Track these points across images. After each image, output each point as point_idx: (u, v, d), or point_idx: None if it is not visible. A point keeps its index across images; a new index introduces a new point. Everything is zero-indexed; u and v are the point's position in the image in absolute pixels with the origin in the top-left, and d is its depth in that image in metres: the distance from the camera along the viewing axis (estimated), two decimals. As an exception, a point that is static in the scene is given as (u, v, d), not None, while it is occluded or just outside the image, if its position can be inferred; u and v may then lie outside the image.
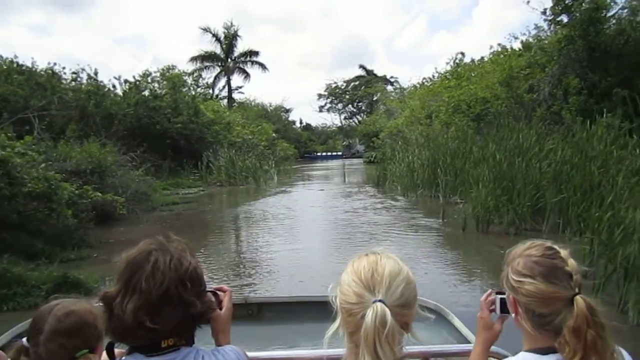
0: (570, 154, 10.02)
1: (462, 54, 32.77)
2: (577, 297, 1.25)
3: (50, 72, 23.82)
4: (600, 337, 1.22)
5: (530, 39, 20.57)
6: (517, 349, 1.38)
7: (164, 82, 29.79)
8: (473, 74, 23.79)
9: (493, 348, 1.67)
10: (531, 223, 10.18)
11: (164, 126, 26.83)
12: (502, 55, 21.68)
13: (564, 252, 1.34)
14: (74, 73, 26.23)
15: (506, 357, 1.58)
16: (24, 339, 1.50)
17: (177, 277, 1.30)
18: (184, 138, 27.83)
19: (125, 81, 28.83)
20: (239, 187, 26.79)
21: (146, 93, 28.33)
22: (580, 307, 1.23)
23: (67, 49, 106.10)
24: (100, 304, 1.34)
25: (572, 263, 1.31)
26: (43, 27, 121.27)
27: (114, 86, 27.90)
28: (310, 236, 12.07)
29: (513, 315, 1.39)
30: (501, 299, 1.51)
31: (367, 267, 1.22)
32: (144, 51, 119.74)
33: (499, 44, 22.92)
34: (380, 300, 1.15)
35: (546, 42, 18.91)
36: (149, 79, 29.57)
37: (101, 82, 27.01)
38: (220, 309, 1.53)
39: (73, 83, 26.32)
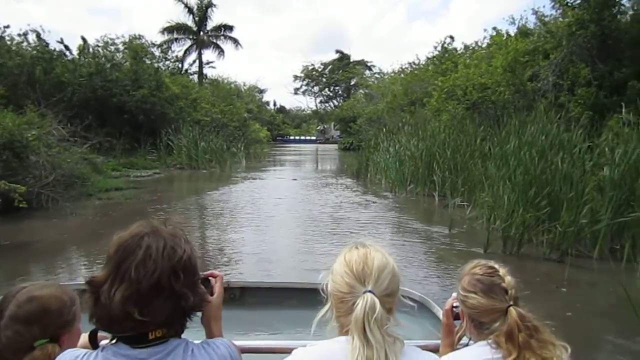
0: (637, 155, 7.54)
1: (452, 37, 30.52)
2: (511, 308, 1.44)
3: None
4: (532, 337, 1.40)
5: (531, 24, 18.49)
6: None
7: (127, 52, 26.54)
8: (468, 59, 21.53)
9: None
10: (575, 246, 7.62)
11: (121, 99, 23.72)
12: (503, 38, 19.44)
13: (502, 270, 1.52)
14: (22, 34, 22.97)
15: None
16: None
17: (170, 266, 1.20)
18: (143, 113, 24.74)
19: (80, 47, 25.54)
20: (201, 171, 24.03)
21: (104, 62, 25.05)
22: (512, 316, 1.42)
23: (38, 17, 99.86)
24: (87, 288, 1.22)
25: (508, 280, 1.49)
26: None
27: (66, 47, 24.57)
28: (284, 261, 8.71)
29: (463, 322, 1.61)
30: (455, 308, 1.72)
31: (358, 259, 1.32)
32: (118, 24, 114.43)
33: (494, 28, 20.91)
34: (369, 291, 1.27)
35: (553, 25, 16.66)
36: (111, 48, 26.33)
37: (54, 48, 23.81)
38: (212, 294, 1.49)
39: (24, 46, 23.08)
